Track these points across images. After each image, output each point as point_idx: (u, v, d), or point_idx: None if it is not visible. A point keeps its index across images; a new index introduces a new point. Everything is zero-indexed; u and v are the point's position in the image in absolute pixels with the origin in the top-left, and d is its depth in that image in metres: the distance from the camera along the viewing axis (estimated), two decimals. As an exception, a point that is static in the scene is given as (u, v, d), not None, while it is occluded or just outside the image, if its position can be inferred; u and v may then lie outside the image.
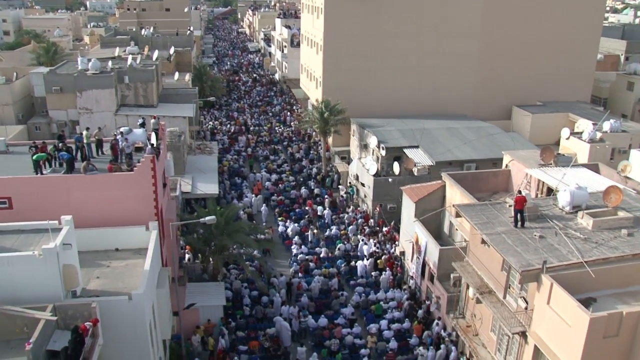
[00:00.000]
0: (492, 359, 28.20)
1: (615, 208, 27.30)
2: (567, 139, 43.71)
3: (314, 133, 67.71)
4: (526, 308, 24.38)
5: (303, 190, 53.59)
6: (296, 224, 46.41)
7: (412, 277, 38.43)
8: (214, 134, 69.89)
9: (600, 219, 26.38)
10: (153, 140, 29.43)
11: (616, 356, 21.60)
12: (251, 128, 73.89)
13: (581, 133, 43.48)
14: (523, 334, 24.67)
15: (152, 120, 34.15)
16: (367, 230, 45.78)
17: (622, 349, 21.50)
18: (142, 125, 32.21)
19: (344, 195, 52.84)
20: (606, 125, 45.04)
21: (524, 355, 24.96)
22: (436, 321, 33.60)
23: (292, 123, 76.42)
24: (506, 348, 26.59)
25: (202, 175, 46.91)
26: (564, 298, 21.76)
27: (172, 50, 74.90)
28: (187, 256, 38.20)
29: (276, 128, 74.55)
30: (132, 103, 52.37)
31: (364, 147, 54.29)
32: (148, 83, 52.46)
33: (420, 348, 31.54)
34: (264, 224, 46.30)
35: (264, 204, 50.04)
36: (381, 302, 36.18)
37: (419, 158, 47.57)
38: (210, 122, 75.54)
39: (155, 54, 63.13)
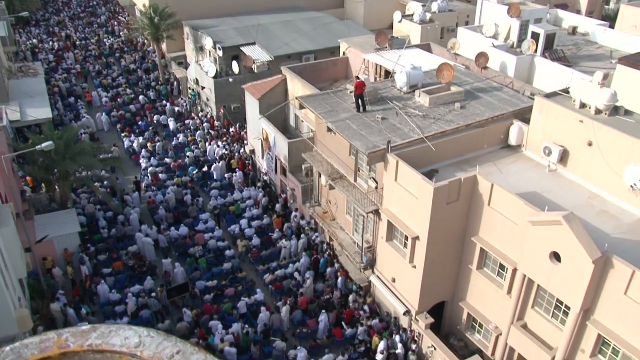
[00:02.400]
0: (351, 239, 29.73)
1: (448, 84, 28.86)
2: (400, 22, 44.97)
3: (145, 41, 64.39)
4: (376, 187, 25.65)
5: (142, 100, 51.45)
6: (141, 137, 44.84)
7: (265, 173, 38.93)
8: (35, 53, 64.05)
9: (435, 95, 27.81)
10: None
11: (458, 218, 23.58)
12: (77, 42, 68.56)
13: (412, 15, 44.78)
14: (376, 212, 26.08)
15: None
16: (214, 133, 45.28)
17: (462, 212, 23.47)
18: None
19: (187, 101, 51.51)
20: (434, 6, 46.82)
21: (379, 231, 26.51)
22: (294, 212, 34.60)
23: (121, 33, 71.78)
24: (362, 227, 28.07)
25: (30, 100, 43.37)
26: (409, 173, 23.10)
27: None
28: (27, 188, 35.97)
29: (104, 40, 69.78)
30: None
31: (200, 49, 52.65)
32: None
33: (283, 240, 32.52)
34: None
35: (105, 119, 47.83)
36: (238, 202, 36.50)
37: (257, 54, 47.05)
38: (29, 41, 69.14)
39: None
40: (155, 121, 47.96)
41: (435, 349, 25.18)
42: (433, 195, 21.88)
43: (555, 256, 19.88)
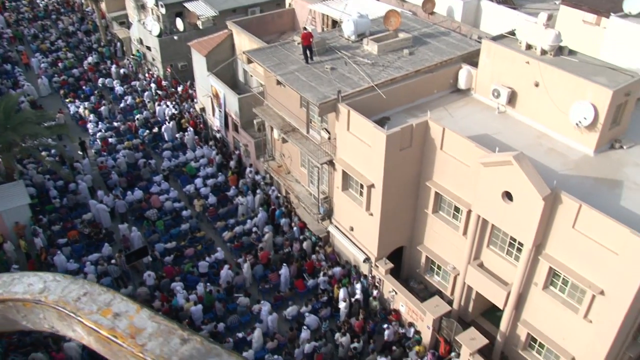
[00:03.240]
0: (307, 191, 29.86)
1: (395, 31, 28.78)
2: (342, -31, 44.35)
3: (83, 1, 62.11)
4: (329, 138, 25.70)
5: (85, 64, 49.96)
6: (87, 102, 43.64)
7: (217, 131, 38.54)
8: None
9: (383, 43, 27.75)
10: None
11: (411, 164, 23.87)
12: (6, 4, 65.21)
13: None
14: (331, 163, 26.19)
15: None
16: (163, 93, 44.44)
17: (415, 157, 23.75)
18: None
19: (132, 62, 50.22)
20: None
21: (335, 182, 26.68)
22: (249, 168, 34.48)
23: (55, -8, 68.98)
24: (318, 178, 28.20)
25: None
26: (361, 122, 23.18)
27: None
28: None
29: (38, 1, 66.86)
30: None
31: (142, 7, 51.09)
32: None
33: (239, 197, 32.48)
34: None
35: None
36: (191, 162, 36.15)
37: (202, 10, 45.92)
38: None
39: None
40: (100, 85, 46.69)
41: (396, 293, 25.76)
42: (386, 142, 22.05)
43: (507, 195, 20.38)
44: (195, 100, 42.13)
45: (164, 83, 45.92)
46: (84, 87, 46.38)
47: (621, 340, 20.45)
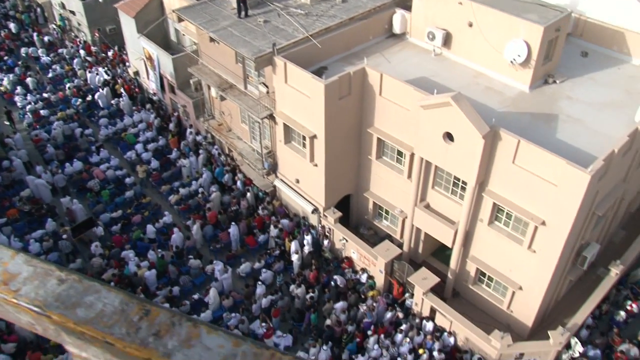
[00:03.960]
0: (250, 148, 29.69)
1: (324, -23, 28.34)
2: None
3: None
4: (268, 92, 25.46)
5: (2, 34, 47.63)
6: (10, 75, 41.52)
7: (153, 94, 37.66)
8: None
9: (314, -9, 27.35)
10: None
11: (352, 112, 23.93)
12: None
13: None
14: (271, 117, 26.02)
15: None
16: (92, 59, 42.96)
17: (355, 105, 23.81)
18: None
19: (56, 29, 48.16)
20: None
21: (277, 135, 26.57)
22: (189, 129, 33.95)
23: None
24: (259, 134, 28.01)
25: None
26: (298, 74, 23.01)
27: None
28: None
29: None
30: None
31: (61, -30, 48.89)
32: None
33: (182, 159, 32.04)
34: None
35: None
36: (130, 129, 35.27)
37: (125, -31, 44.27)
38: None
39: None
40: (24, 55, 44.66)
41: (347, 241, 26.12)
42: (325, 92, 22.00)
43: (448, 136, 20.72)
44: (127, 64, 40.89)
45: (93, 49, 44.31)
46: (5, 59, 44.14)
47: (562, 266, 21.42)
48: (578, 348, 22.11)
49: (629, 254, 25.19)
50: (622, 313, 23.94)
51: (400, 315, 24.15)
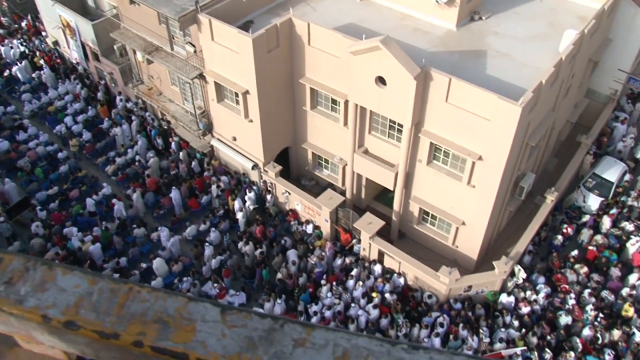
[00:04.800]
0: (183, 109, 29.14)
1: None
2: None
3: None
4: (196, 52, 24.88)
5: None
6: None
7: (77, 63, 36.26)
8: None
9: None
10: None
11: (282, 64, 23.66)
12: None
13: None
14: (201, 76, 25.51)
15: None
16: (4, 32, 40.88)
17: (285, 57, 23.53)
18: None
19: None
20: None
21: (209, 94, 26.13)
22: (118, 97, 32.95)
23: None
24: (191, 94, 27.46)
25: None
26: (224, 30, 22.53)
27: None
28: None
29: None
30: None
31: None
32: None
33: (114, 128, 31.19)
34: None
35: None
36: (56, 102, 33.94)
37: None
38: None
39: None
40: None
41: (289, 193, 26.17)
42: (253, 46, 21.63)
43: (381, 80, 20.76)
44: (44, 34, 39.10)
45: (3, 20, 42.12)
46: None
47: (501, 198, 22.06)
48: (521, 275, 23.01)
49: (562, 180, 26.10)
50: (560, 237, 24.92)
51: (349, 261, 24.53)
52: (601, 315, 22.04)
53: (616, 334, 21.69)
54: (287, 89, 24.80)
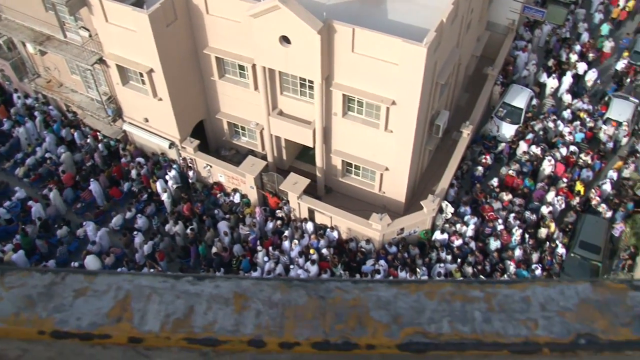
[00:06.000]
0: (88, 98, 28.09)
1: None
2: None
3: None
4: (91, 36, 23.87)
5: None
6: None
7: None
8: None
9: None
10: None
11: (183, 36, 23.02)
12: None
13: None
14: (102, 61, 24.57)
15: None
16: None
17: (185, 28, 22.88)
18: None
19: None
20: None
21: (113, 79, 25.27)
22: (15, 94, 31.28)
23: None
24: (94, 81, 26.42)
25: None
26: (118, 9, 21.75)
27: None
28: None
29: None
30: None
31: None
32: None
33: (16, 128, 29.66)
34: None
35: None
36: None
37: None
38: None
39: None
40: None
41: (211, 166, 25.83)
42: (150, 22, 20.88)
43: (285, 39, 20.55)
44: None
45: None
46: None
47: (420, 139, 22.53)
48: (449, 209, 23.70)
49: (475, 113, 26.79)
50: (480, 168, 25.70)
51: (280, 224, 24.59)
52: (527, 235, 23.15)
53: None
54: (193, 62, 24.20)
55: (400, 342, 0.94)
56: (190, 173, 26.49)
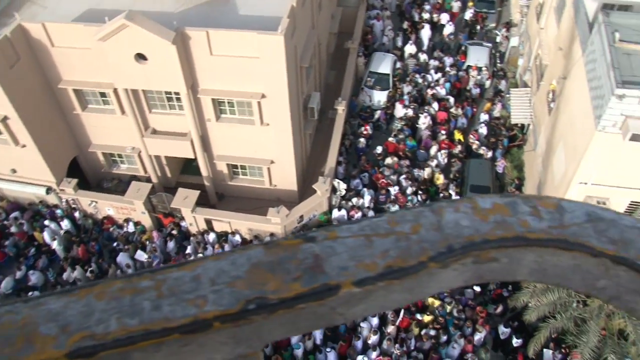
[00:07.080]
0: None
1: None
2: None
3: None
4: None
5: None
6: None
7: None
8: None
9: None
10: None
11: (32, 75, 21.75)
12: None
13: None
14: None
15: None
16: None
17: (32, 67, 21.57)
18: None
19: None
20: None
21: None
22: None
23: None
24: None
25: None
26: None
27: None
28: None
29: None
30: None
31: None
32: None
33: None
34: None
35: None
36: None
37: None
38: None
39: None
40: None
41: (96, 202, 24.81)
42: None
43: (140, 56, 19.98)
44: None
45: None
46: None
47: (297, 125, 22.66)
48: (342, 186, 24.03)
49: (345, 89, 27.25)
50: (362, 140, 26.23)
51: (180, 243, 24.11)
52: (420, 192, 23.92)
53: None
54: (50, 99, 22.97)
55: (69, 351, 0.90)
56: (77, 214, 25.30)
